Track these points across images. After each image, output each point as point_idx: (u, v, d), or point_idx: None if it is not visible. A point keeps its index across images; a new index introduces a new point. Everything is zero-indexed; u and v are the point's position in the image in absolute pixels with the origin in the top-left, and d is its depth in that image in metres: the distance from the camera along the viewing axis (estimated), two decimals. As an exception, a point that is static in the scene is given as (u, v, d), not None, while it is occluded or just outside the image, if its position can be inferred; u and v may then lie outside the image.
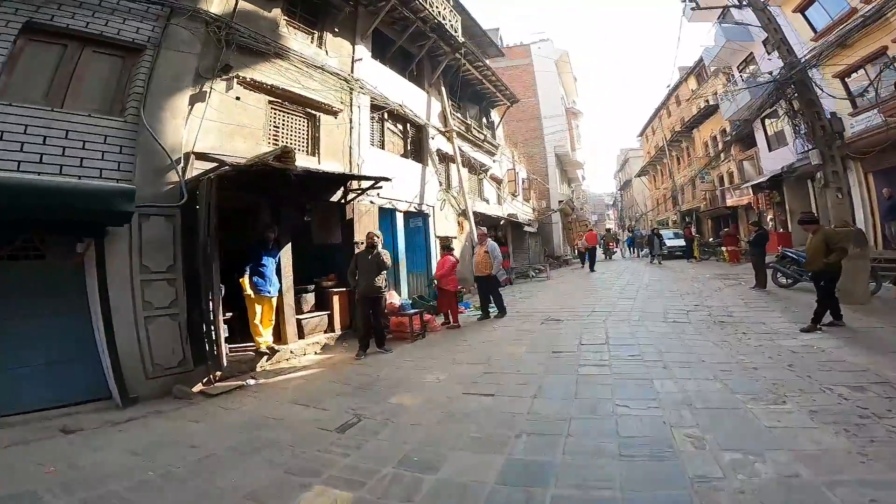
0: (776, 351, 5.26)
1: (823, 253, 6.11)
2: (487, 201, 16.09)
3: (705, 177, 26.14)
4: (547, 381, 4.75)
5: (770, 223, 18.73)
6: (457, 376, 5.21)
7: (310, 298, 7.79)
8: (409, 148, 11.43)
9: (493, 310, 8.81)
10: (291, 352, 6.96)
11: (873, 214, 13.20)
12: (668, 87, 30.53)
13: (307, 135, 8.18)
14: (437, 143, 12.40)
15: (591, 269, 18.17)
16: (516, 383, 4.74)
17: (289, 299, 7.19)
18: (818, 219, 7.15)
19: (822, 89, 9.80)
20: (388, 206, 9.69)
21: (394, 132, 10.96)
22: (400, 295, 10.05)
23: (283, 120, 7.80)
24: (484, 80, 14.81)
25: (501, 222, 16.82)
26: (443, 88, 12.59)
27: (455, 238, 12.46)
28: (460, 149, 13.77)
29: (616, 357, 5.37)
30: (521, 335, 7.16)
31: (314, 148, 8.17)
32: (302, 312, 7.59)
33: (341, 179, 7.97)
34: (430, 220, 11.50)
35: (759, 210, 19.25)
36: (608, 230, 39.23)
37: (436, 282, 8.84)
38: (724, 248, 19.41)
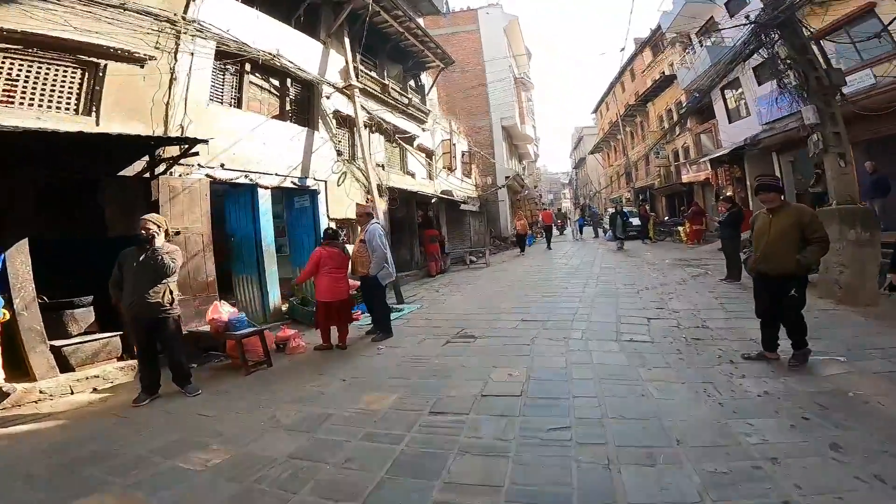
0: (796, 402, 3.10)
1: (796, 245, 3.86)
2: (413, 175, 13.52)
3: (660, 152, 24.52)
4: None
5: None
6: (244, 461, 2.84)
7: (85, 316, 5.10)
8: (288, 108, 8.68)
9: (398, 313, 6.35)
10: (41, 392, 4.40)
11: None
12: (622, 51, 28.66)
13: (79, 89, 5.39)
14: (337, 103, 9.68)
15: (549, 246, 19.07)
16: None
17: (29, 319, 4.48)
18: (782, 187, 5.00)
19: (811, 31, 7.73)
20: (241, 180, 6.99)
21: (262, 88, 8.19)
22: (271, 299, 7.44)
23: (28, 71, 5.03)
24: (409, 36, 12.10)
25: (433, 200, 14.32)
26: (346, 40, 9.81)
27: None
28: (381, 119, 11.12)
29: (527, 437, 2.98)
30: (404, 369, 4.75)
31: (91, 106, 5.39)
32: (67, 336, 4.90)
33: (120, 142, 5.18)
34: (321, 197, 8.86)
35: (719, 186, 17.64)
36: (558, 210, 37.48)
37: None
38: (683, 228, 17.83)
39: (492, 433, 3.05)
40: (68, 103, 5.33)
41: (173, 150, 5.77)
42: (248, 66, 7.72)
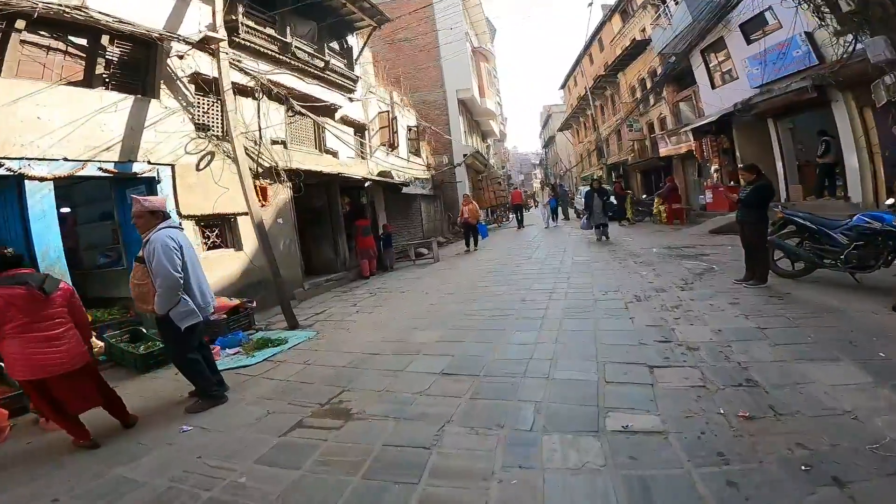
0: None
1: None
2: (335, 154, 10.77)
3: (633, 125, 22.31)
4: None
5: (715, 175, 15.02)
6: None
7: None
8: (103, 72, 5.86)
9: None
10: None
11: (872, 161, 9.47)
12: (590, 5, 26.19)
13: None
14: (201, 65, 6.93)
15: (521, 225, 19.85)
16: None
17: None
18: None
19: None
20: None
21: (51, 49, 5.36)
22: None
23: None
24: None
25: (366, 184, 11.61)
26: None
27: (238, 216, 7.18)
28: (276, 85, 8.37)
29: None
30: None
31: None
32: None
33: None
34: (165, 186, 6.09)
35: (704, 159, 15.46)
36: (524, 191, 35.08)
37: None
38: (656, 206, 15.65)
39: None
40: None
41: None
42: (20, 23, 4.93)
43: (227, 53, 6.75)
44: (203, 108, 7.15)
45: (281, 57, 8.92)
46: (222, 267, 6.91)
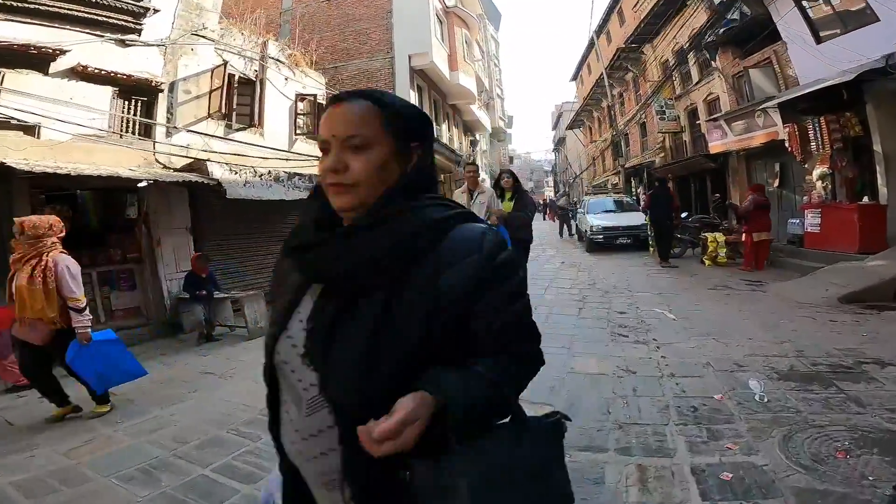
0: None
1: None
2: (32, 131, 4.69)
3: (666, 110, 15.95)
4: None
5: (819, 183, 8.59)
6: None
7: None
8: None
9: None
10: None
11: None
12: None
13: None
14: None
15: None
16: None
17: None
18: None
19: None
20: None
21: None
22: None
23: None
24: None
25: (141, 184, 5.49)
26: None
27: None
28: None
29: None
30: None
31: None
32: None
33: None
34: None
35: (803, 154, 8.98)
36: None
37: None
38: (721, 237, 9.26)
39: None
40: None
41: None
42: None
43: None
44: None
45: None
46: None
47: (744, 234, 8.46)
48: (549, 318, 5.72)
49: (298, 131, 9.40)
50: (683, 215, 11.64)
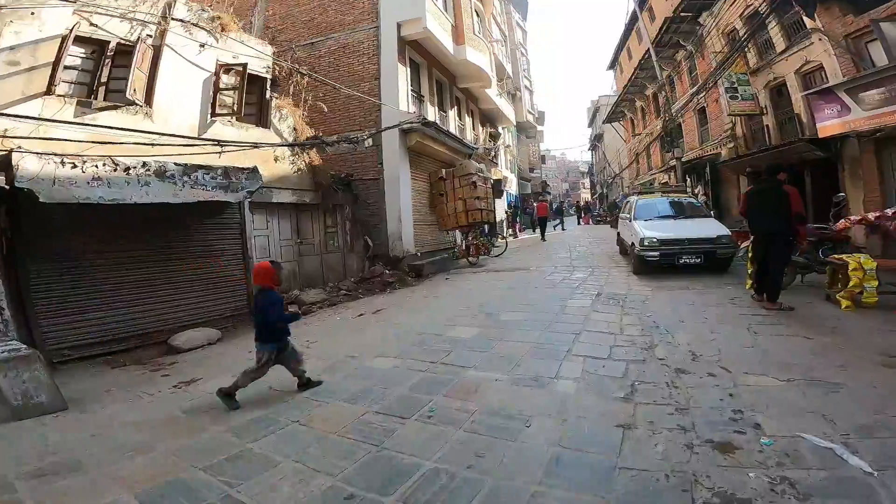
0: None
1: None
2: None
3: (739, 88, 12.38)
4: None
5: None
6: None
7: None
8: None
9: None
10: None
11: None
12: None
13: None
14: None
15: (543, 237, 18.29)
16: None
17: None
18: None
19: None
20: None
21: None
22: None
23: None
24: None
25: None
26: None
27: None
28: None
29: None
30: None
31: None
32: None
33: None
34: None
35: None
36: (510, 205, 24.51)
37: None
38: (870, 262, 5.82)
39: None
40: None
41: None
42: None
43: None
44: None
45: None
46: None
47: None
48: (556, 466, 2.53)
49: (219, 111, 6.59)
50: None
